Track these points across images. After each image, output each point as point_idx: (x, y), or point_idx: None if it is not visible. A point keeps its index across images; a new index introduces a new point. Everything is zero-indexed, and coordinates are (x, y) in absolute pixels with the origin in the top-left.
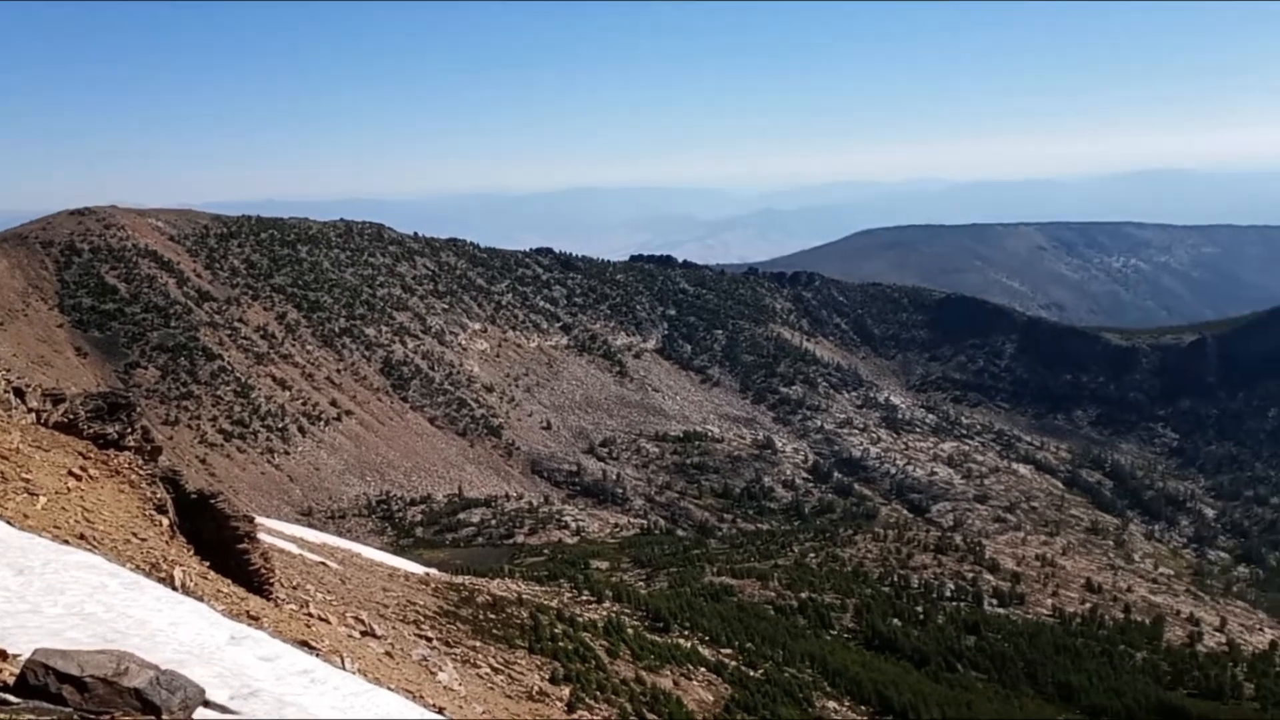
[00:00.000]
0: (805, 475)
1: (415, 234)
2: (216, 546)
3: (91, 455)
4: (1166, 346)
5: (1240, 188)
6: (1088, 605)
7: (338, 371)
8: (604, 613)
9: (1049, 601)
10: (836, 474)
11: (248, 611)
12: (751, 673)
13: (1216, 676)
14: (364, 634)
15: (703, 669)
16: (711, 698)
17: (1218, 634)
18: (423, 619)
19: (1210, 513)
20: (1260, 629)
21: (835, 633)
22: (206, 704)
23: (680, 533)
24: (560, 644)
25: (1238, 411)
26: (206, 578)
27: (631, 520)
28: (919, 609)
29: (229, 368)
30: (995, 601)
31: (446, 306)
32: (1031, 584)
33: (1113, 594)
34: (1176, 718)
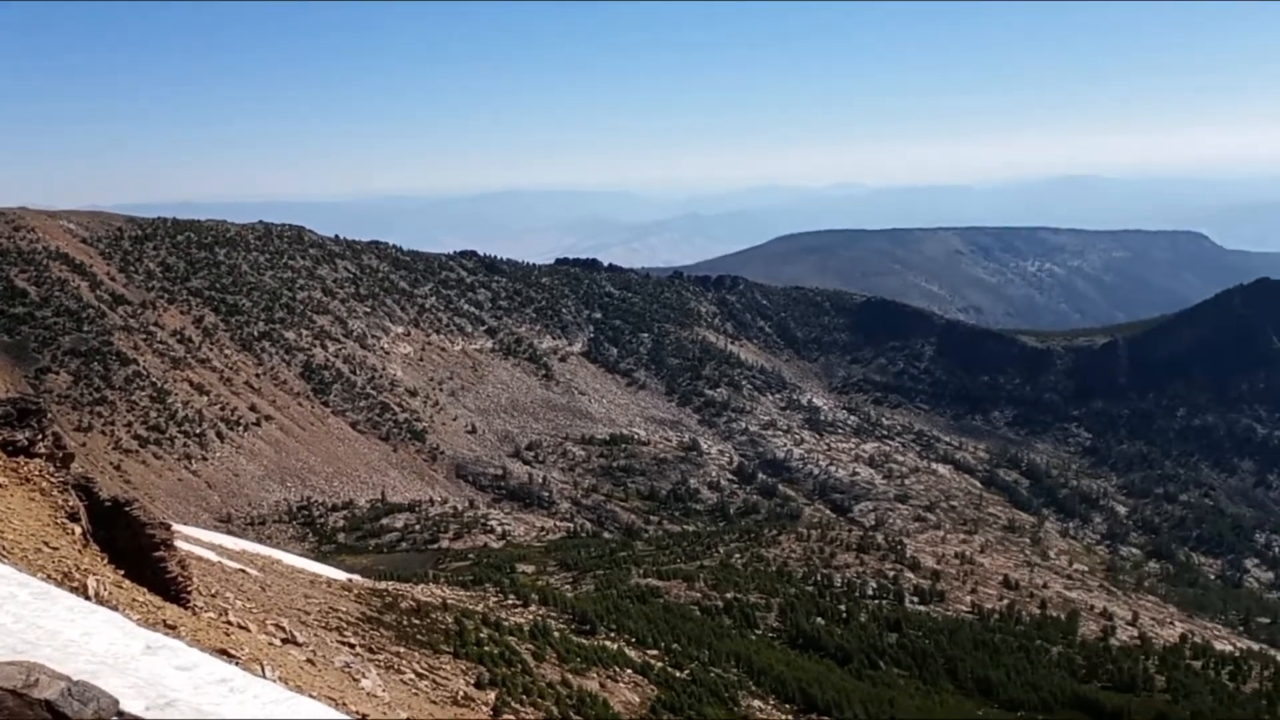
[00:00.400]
0: (730, 477)
1: (336, 236)
2: (132, 555)
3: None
4: (1080, 349)
5: (1150, 193)
6: (1005, 601)
7: (257, 376)
8: (530, 616)
9: (968, 598)
10: (761, 475)
11: (164, 620)
12: (677, 673)
13: (1129, 669)
14: (285, 641)
15: (629, 670)
16: (638, 699)
17: (1130, 628)
18: (345, 625)
19: (1122, 510)
20: (1171, 622)
21: (760, 632)
22: (121, 715)
23: (607, 535)
24: (486, 648)
25: (1148, 411)
26: (121, 587)
27: (558, 523)
28: (842, 607)
29: (144, 372)
30: (916, 599)
31: (368, 310)
32: (951, 581)
33: (1029, 590)
34: (1091, 710)
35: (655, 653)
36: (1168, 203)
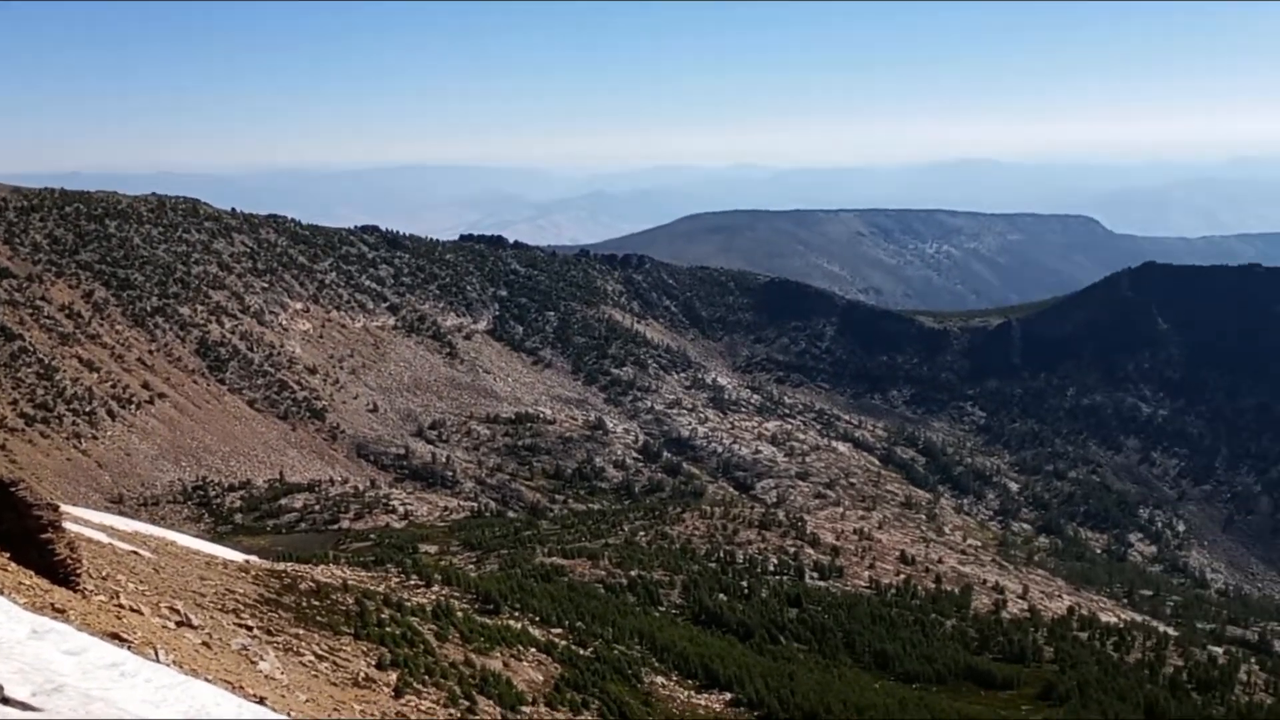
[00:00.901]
0: (636, 455)
1: (233, 210)
2: (17, 537)
3: None
4: (975, 329)
5: (1044, 178)
6: (902, 576)
7: (150, 353)
8: (433, 596)
9: (866, 573)
10: (666, 454)
11: (52, 604)
12: (581, 651)
13: (1019, 641)
14: (180, 624)
15: (533, 649)
16: (541, 677)
17: (1020, 601)
18: (243, 607)
19: (1014, 487)
20: (1059, 595)
21: (664, 609)
22: (6, 701)
23: (511, 514)
24: (387, 629)
25: (1039, 390)
26: (6, 570)
27: (462, 503)
28: (744, 583)
29: (31, 348)
30: (816, 575)
31: (266, 285)
32: (850, 557)
33: (925, 565)
34: (983, 681)
35: (559, 631)
36: (1061, 187)
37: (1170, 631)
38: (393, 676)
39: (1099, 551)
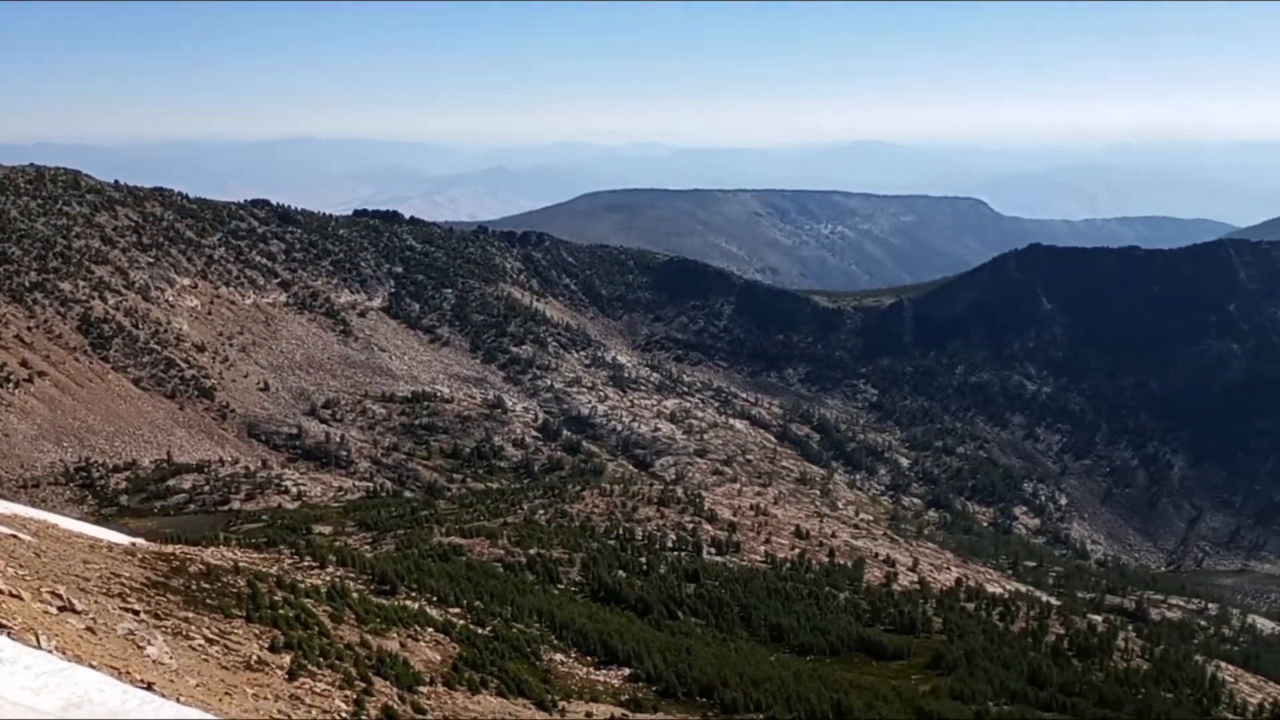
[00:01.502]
0: (535, 434)
1: (116, 182)
2: None
3: None
4: (868, 309)
5: (936, 161)
6: (797, 551)
7: (29, 329)
8: (327, 578)
9: (762, 548)
10: (566, 432)
11: None
12: (480, 630)
13: (909, 612)
14: (62, 609)
15: (430, 629)
16: (439, 657)
17: (911, 573)
18: (129, 591)
19: (905, 462)
20: (947, 568)
21: (563, 587)
22: None
23: (408, 494)
24: (280, 611)
25: (930, 369)
26: None
27: (357, 483)
28: (643, 560)
29: None
30: (713, 550)
31: (152, 260)
32: (746, 533)
33: (819, 539)
34: (874, 652)
35: (457, 610)
36: (951, 170)
37: (1052, 601)
38: (286, 659)
39: (985, 524)
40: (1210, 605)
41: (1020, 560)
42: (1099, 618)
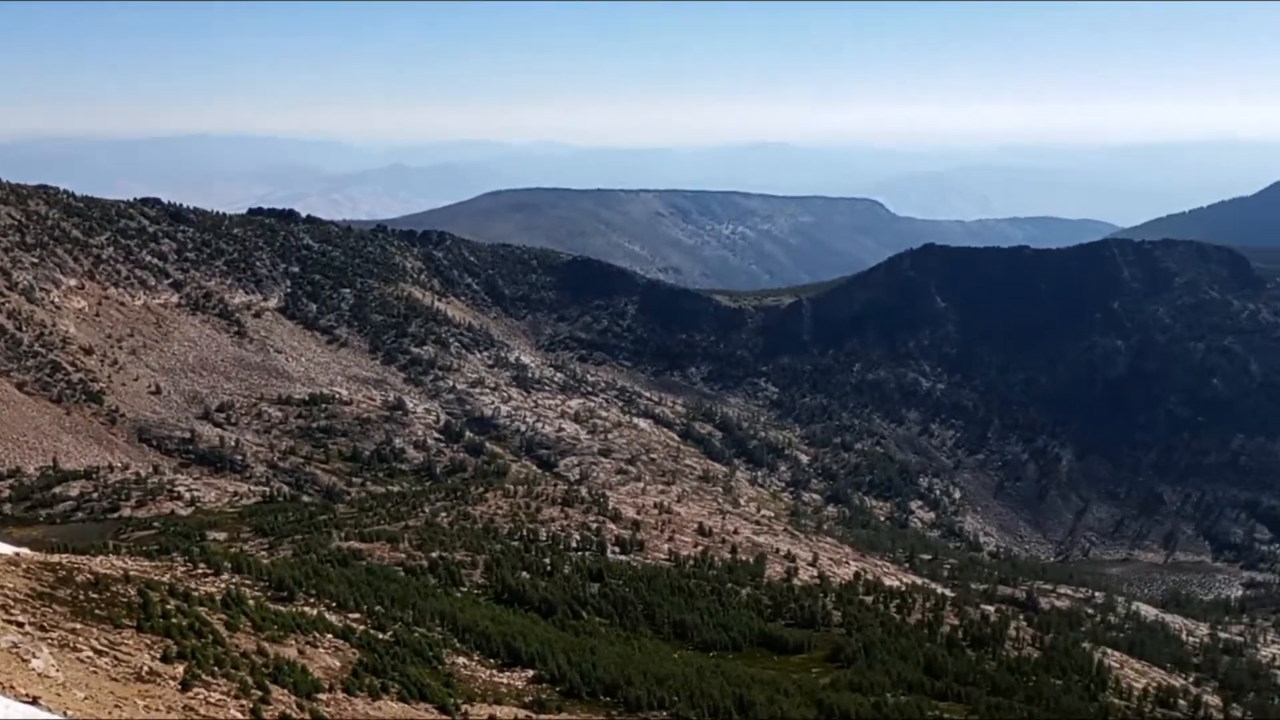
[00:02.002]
0: (437, 435)
1: None
2: None
3: None
4: (769, 308)
5: (833, 163)
6: (700, 548)
7: None
8: (222, 585)
9: (666, 546)
10: (468, 433)
11: None
12: (380, 635)
13: (810, 607)
14: None
15: (329, 635)
16: (339, 663)
17: (811, 568)
18: (13, 603)
19: (805, 459)
20: (846, 562)
21: (466, 589)
22: None
23: (306, 499)
24: (173, 620)
25: (828, 367)
26: None
27: (253, 488)
28: (547, 561)
29: None
30: (617, 549)
31: (36, 260)
32: (650, 531)
33: (722, 536)
34: (776, 646)
35: (357, 616)
36: (848, 171)
37: (947, 593)
38: (179, 669)
39: (883, 519)
40: (1097, 594)
41: (916, 553)
42: (992, 608)
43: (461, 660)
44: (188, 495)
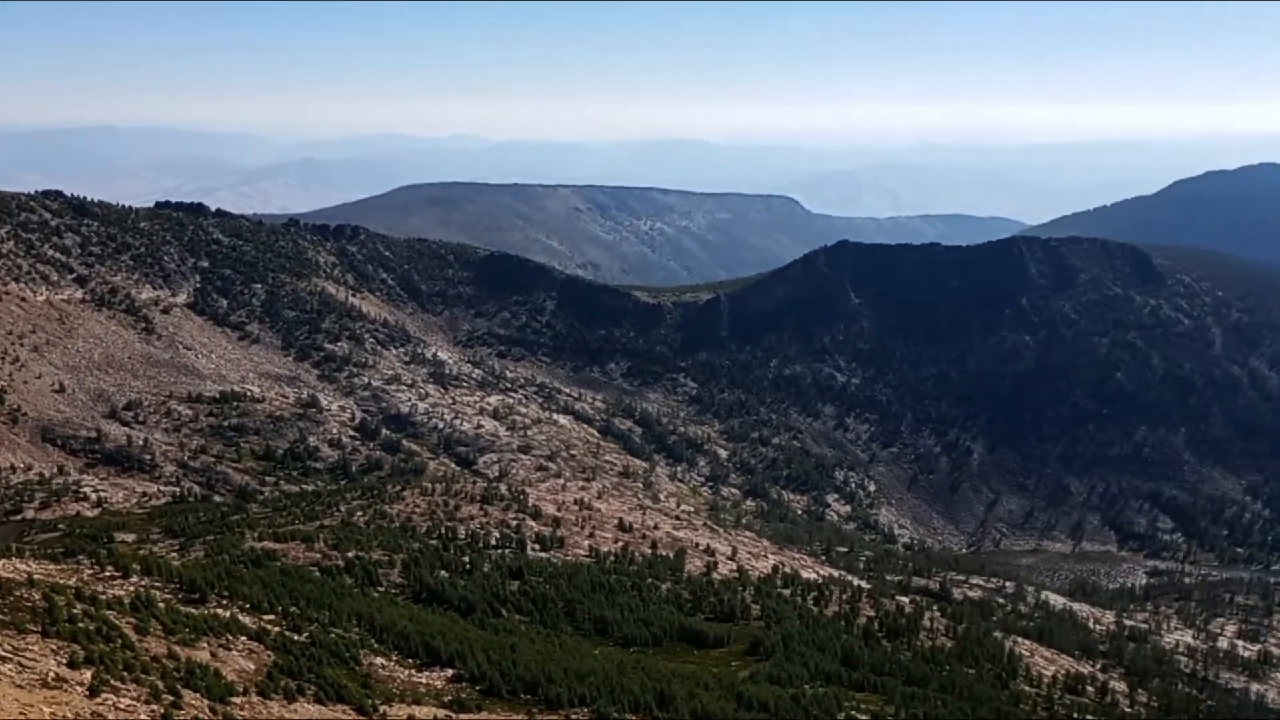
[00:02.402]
0: (352, 433)
1: None
2: None
3: None
4: (687, 304)
5: (749, 159)
6: (620, 544)
7: None
8: (131, 588)
9: (586, 543)
10: (385, 431)
11: None
12: (296, 637)
13: (729, 600)
14: None
15: (243, 638)
16: (253, 666)
17: (730, 562)
18: None
19: (724, 453)
20: (765, 555)
21: (383, 589)
22: None
23: (218, 499)
24: (80, 625)
25: (746, 362)
26: None
27: (162, 488)
28: (466, 559)
29: None
30: (538, 546)
31: None
32: (571, 527)
33: (642, 532)
34: (695, 640)
35: (272, 617)
36: (764, 169)
37: (863, 585)
38: (87, 675)
39: (800, 512)
40: (1007, 584)
41: (833, 546)
42: (906, 599)
43: (379, 661)
44: (94, 496)
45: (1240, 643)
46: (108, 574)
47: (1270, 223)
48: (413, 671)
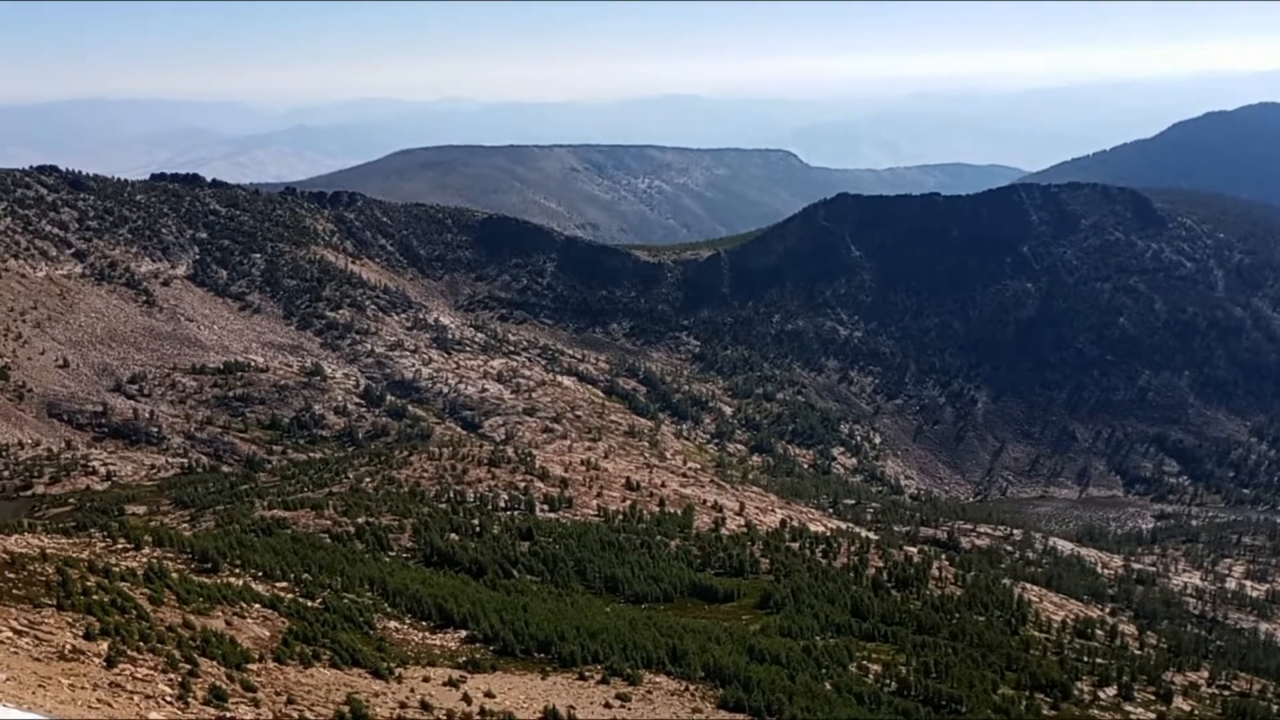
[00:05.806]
0: (357, 400)
1: None
2: None
3: None
4: (688, 261)
5: (745, 114)
6: (628, 502)
7: None
8: (144, 559)
9: (594, 503)
10: (390, 397)
11: None
12: (309, 603)
13: (738, 555)
14: None
15: (257, 605)
16: (268, 633)
17: (738, 517)
18: None
19: (728, 410)
20: (772, 510)
21: (394, 554)
22: None
23: (226, 469)
24: (94, 597)
25: (748, 318)
26: None
27: (170, 460)
28: (475, 522)
29: None
30: (546, 507)
31: None
32: (578, 488)
33: (649, 490)
34: (706, 595)
35: (285, 585)
36: (760, 123)
37: (871, 536)
38: (103, 646)
39: (806, 466)
40: (1015, 531)
41: (840, 499)
42: (914, 549)
43: (393, 624)
44: (103, 470)
45: (1248, 583)
46: (120, 546)
47: (1271, 163)
48: (426, 634)
